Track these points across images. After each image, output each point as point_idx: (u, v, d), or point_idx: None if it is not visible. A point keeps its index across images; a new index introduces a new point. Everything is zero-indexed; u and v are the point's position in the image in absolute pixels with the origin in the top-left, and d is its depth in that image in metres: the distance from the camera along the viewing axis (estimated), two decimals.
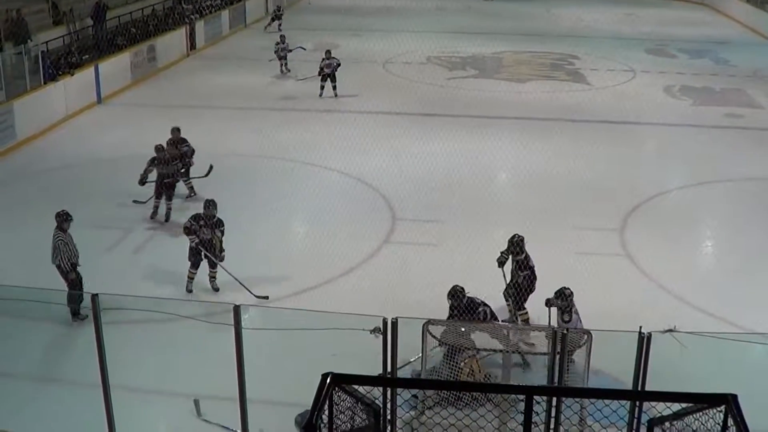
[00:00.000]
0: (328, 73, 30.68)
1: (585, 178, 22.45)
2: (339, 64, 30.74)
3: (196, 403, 11.89)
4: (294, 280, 16.57)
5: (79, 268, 15.21)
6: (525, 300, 14.88)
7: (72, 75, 28.77)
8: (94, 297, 10.30)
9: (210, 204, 16.33)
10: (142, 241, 18.83)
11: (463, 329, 12.45)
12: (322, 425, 6.15)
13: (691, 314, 15.43)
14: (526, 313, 14.78)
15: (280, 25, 42.93)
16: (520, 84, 33.81)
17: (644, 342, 9.62)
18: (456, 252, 16.86)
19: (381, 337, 10.08)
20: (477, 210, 19.84)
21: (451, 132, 25.46)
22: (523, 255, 15.00)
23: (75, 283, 14.92)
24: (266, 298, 15.59)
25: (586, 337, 11.21)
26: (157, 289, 15.72)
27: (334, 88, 30.66)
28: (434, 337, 12.16)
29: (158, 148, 20.20)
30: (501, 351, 11.89)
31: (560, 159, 23.59)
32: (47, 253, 16.51)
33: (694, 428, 6.71)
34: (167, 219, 19.82)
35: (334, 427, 6.48)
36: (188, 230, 16.14)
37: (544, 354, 10.84)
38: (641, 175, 22.99)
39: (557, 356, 10.23)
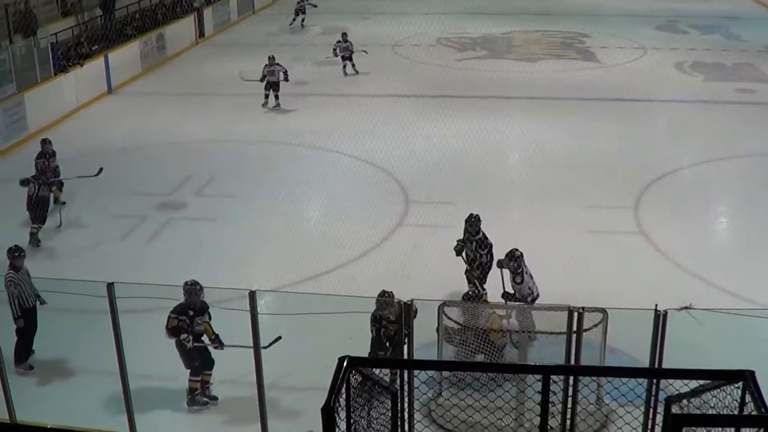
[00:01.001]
0: (346, 56, 31.56)
1: (597, 156, 22.41)
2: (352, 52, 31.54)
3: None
4: (309, 265, 16.57)
5: (41, 308, 13.82)
6: (485, 280, 14.88)
7: (82, 66, 28.79)
8: (110, 286, 10.33)
9: (194, 289, 12.50)
10: (155, 229, 18.86)
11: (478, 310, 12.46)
12: (339, 408, 6.15)
13: (707, 291, 15.40)
14: (485, 293, 14.77)
15: (303, 20, 41.34)
16: (530, 63, 33.71)
17: (660, 320, 9.60)
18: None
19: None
20: (490, 190, 19.81)
21: (462, 113, 25.40)
22: (481, 234, 14.95)
23: (23, 332, 13.31)
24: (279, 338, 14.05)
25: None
26: (172, 276, 15.73)
27: (353, 66, 31.57)
28: (449, 318, 12.17)
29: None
30: (517, 332, 11.88)
31: (572, 138, 23.54)
32: (61, 243, 16.60)
33: (712, 405, 6.69)
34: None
35: (352, 409, 6.49)
36: (176, 330, 12.33)
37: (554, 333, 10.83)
38: (654, 152, 22.90)
39: (573, 335, 10.22)
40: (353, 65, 31.51)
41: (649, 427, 9.50)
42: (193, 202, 20.26)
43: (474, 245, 14.90)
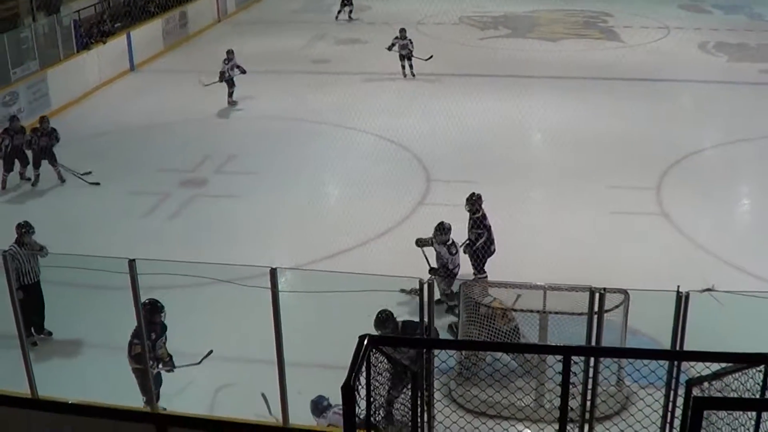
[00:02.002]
0: (405, 54, 28.41)
1: (620, 136, 22.31)
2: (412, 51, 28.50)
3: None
4: (329, 243, 16.59)
5: (55, 283, 14.02)
6: (484, 262, 14.84)
7: (104, 43, 28.84)
8: (132, 262, 10.34)
9: (156, 309, 11.99)
10: (177, 207, 18.91)
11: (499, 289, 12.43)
12: (359, 386, 6.15)
13: (729, 273, 15.33)
14: (486, 275, 14.73)
15: (351, 12, 38.35)
16: (553, 43, 33.54)
17: (682, 301, 9.54)
18: (491, 212, 16.80)
19: (417, 298, 10.05)
20: (511, 170, 19.78)
21: (484, 92, 25.30)
22: (480, 213, 14.97)
23: (21, 305, 11.77)
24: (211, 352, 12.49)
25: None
26: (193, 253, 15.76)
27: (411, 67, 28.39)
28: (470, 297, 12.15)
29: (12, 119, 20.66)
30: (538, 312, 11.85)
31: (594, 117, 23.44)
32: (83, 220, 16.63)
33: (733, 388, 6.65)
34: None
35: (372, 388, 6.48)
36: (140, 358, 11.41)
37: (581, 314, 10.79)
38: (676, 132, 22.77)
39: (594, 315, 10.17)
40: (411, 66, 28.36)
41: (670, 409, 9.46)
42: (214, 179, 20.30)
43: (471, 224, 14.91)
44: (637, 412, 8.22)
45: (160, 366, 11.89)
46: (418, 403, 7.62)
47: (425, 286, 9.82)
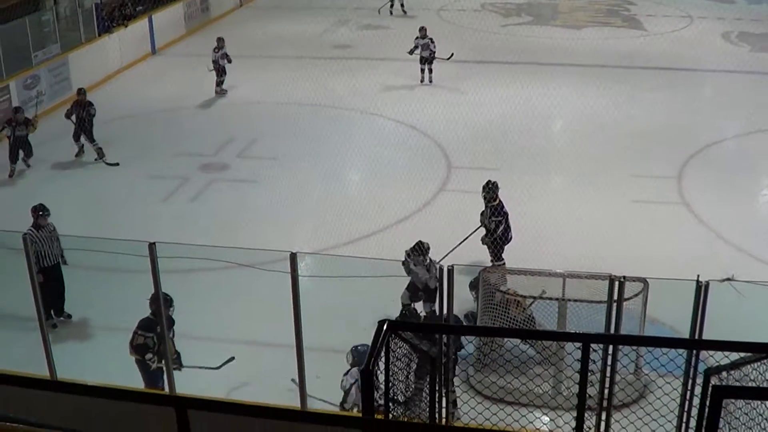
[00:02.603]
0: (426, 57, 26.40)
1: (642, 125, 22.24)
2: (434, 53, 26.53)
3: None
4: (350, 228, 16.61)
5: (65, 267, 14.03)
6: (502, 250, 14.82)
7: (126, 26, 28.90)
8: (152, 245, 10.39)
9: (166, 303, 11.59)
10: (198, 190, 18.97)
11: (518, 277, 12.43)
12: (378, 371, 6.18)
13: (749, 263, 15.29)
14: (504, 263, 14.71)
15: (403, 4, 35.41)
16: (575, 30, 33.39)
17: (702, 291, 9.53)
18: (512, 200, 16.79)
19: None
20: (533, 157, 19.74)
21: (506, 79, 25.21)
22: (497, 201, 14.97)
23: (41, 288, 11.90)
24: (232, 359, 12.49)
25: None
26: (213, 237, 15.81)
27: (431, 72, 26.54)
28: (490, 284, 12.16)
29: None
30: (557, 299, 11.86)
31: (617, 106, 23.33)
32: (105, 203, 16.69)
33: (752, 378, 6.65)
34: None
35: (391, 373, 6.50)
36: (141, 348, 11.81)
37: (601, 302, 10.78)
38: (698, 122, 22.68)
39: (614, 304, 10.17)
40: (431, 71, 26.41)
41: (688, 398, 9.46)
42: (235, 164, 20.35)
43: (489, 212, 14.89)
44: (655, 401, 8.23)
45: (162, 362, 11.75)
46: (437, 388, 7.64)
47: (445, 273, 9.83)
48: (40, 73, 24.22)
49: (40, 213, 13.88)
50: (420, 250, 13.79)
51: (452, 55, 26.20)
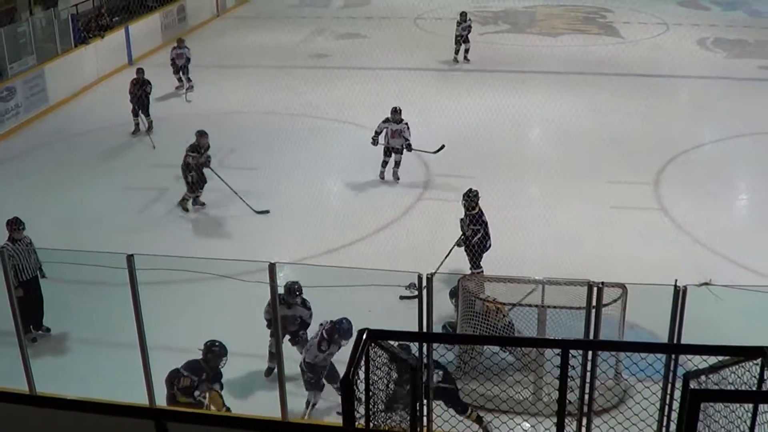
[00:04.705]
0: (397, 148, 27.36)
1: (619, 132, 22.33)
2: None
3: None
4: (328, 238, 16.61)
5: (43, 281, 13.96)
6: (480, 258, 14.85)
7: (102, 37, 28.83)
8: (130, 257, 10.35)
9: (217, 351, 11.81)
10: (175, 202, 18.90)
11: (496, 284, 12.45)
12: (358, 381, 6.17)
13: (726, 267, 15.37)
14: (482, 270, 14.74)
15: (467, 50, 30.27)
16: (552, 38, 33.52)
17: (680, 295, 9.56)
18: (490, 207, 16.81)
19: (416, 293, 10.07)
20: (510, 165, 19.77)
21: (483, 87, 25.29)
22: (476, 210, 14.94)
23: (20, 302, 11.73)
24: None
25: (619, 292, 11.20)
26: (191, 248, 15.78)
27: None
28: (470, 291, 12.18)
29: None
30: (536, 306, 11.88)
31: (593, 113, 23.44)
32: (81, 215, 16.61)
33: (731, 381, 6.67)
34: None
35: (371, 382, 6.50)
36: (187, 390, 11.60)
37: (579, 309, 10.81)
38: (675, 128, 22.80)
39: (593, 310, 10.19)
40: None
41: (667, 402, 9.48)
42: (213, 174, 20.29)
43: (467, 220, 14.92)
44: (635, 405, 8.25)
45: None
46: (417, 396, 7.63)
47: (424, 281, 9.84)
48: (15, 85, 24.10)
49: (14, 227, 13.76)
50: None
51: (443, 147, 20.04)
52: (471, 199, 15.00)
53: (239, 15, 39.00)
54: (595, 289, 10.00)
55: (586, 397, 8.91)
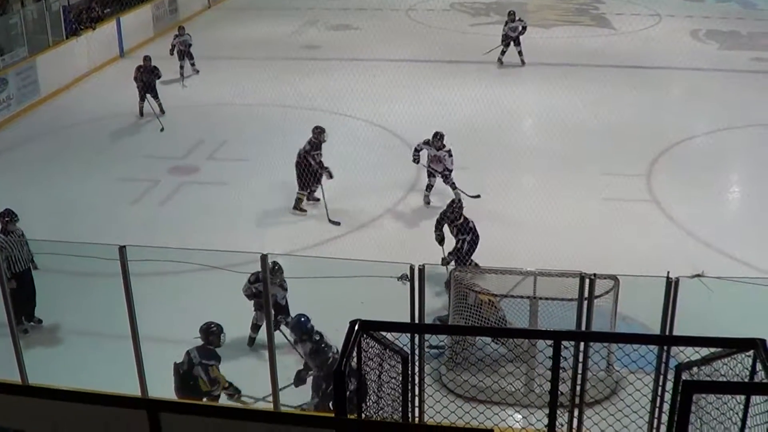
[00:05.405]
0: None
1: (611, 123, 22.33)
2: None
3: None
4: (321, 229, 16.61)
5: (45, 271, 14.12)
6: (466, 262, 14.74)
7: (94, 29, 28.73)
8: (122, 249, 10.35)
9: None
10: (168, 193, 18.90)
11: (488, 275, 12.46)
12: (350, 372, 6.17)
13: (719, 259, 15.40)
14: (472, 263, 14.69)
15: (521, 52, 28.76)
16: (544, 29, 33.45)
17: (672, 287, 9.58)
18: (482, 199, 16.88)
19: (408, 284, 10.08)
20: (503, 156, 19.78)
21: (475, 79, 25.31)
22: (461, 219, 14.73)
23: (13, 293, 12.37)
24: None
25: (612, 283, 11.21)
26: (184, 239, 15.75)
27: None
28: (461, 283, 12.18)
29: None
30: (528, 297, 11.89)
31: (586, 104, 23.42)
32: (73, 207, 16.56)
33: (722, 373, 6.69)
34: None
35: (363, 373, 6.50)
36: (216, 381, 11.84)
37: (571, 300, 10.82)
38: (667, 120, 22.81)
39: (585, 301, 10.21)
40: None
41: (659, 393, 9.51)
42: (205, 166, 20.30)
43: (454, 230, 14.80)
44: (627, 397, 8.28)
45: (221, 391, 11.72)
46: (409, 387, 7.64)
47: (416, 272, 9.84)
48: (7, 77, 24.03)
49: (8, 219, 13.74)
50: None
51: (478, 196, 18.12)
52: (454, 210, 14.87)
53: (230, 6, 38.90)
54: (587, 280, 10.02)
55: (578, 388, 8.92)
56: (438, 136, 18.04)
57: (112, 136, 22.69)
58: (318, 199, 18.16)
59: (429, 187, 18.37)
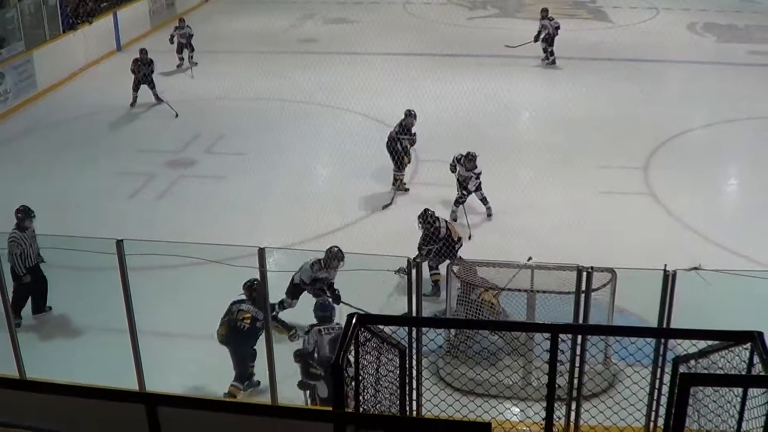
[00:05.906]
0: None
1: (608, 116, 22.33)
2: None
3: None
4: (317, 223, 16.59)
5: (43, 265, 14.14)
6: (440, 263, 14.62)
7: (90, 23, 28.69)
8: (119, 243, 10.34)
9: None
10: (165, 187, 18.88)
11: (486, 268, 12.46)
12: (347, 365, 6.18)
13: (716, 252, 15.40)
14: (438, 273, 14.55)
15: (552, 52, 28.14)
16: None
17: (669, 280, 9.58)
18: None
19: (405, 277, 10.08)
20: (500, 150, 19.75)
21: (472, 72, 25.30)
22: (433, 228, 14.50)
23: (24, 287, 13.70)
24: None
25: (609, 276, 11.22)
26: (181, 233, 15.74)
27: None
28: (458, 276, 12.19)
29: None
30: (526, 291, 11.90)
31: (583, 98, 23.40)
32: (70, 200, 16.52)
33: (720, 366, 6.70)
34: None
35: (360, 367, 6.51)
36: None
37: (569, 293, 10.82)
38: (665, 113, 22.80)
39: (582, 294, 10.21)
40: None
41: (657, 386, 9.51)
42: (202, 160, 20.28)
43: (421, 239, 14.57)
44: (624, 390, 8.28)
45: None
46: (406, 381, 7.64)
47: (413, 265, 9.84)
48: (4, 71, 23.98)
49: (24, 215, 13.81)
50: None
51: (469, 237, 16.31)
52: (426, 220, 14.59)
53: (227, 0, 38.84)
54: (584, 273, 10.02)
55: (576, 381, 8.93)
56: (470, 157, 17.10)
57: (109, 130, 22.69)
58: (408, 189, 18.45)
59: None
